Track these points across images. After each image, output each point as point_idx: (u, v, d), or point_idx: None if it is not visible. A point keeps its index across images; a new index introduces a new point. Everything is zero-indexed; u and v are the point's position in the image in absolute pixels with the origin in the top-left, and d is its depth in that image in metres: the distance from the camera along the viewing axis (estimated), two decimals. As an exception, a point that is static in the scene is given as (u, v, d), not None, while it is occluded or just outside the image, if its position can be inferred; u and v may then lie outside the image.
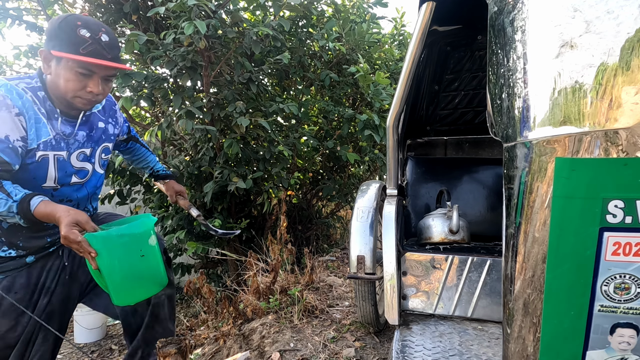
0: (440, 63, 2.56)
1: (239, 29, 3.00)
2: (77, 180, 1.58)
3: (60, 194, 1.55)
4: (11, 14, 3.17)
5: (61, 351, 3.47)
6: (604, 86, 0.64)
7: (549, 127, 0.69)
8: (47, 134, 1.45)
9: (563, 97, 0.67)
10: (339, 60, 3.85)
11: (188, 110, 2.91)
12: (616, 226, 0.65)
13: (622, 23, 0.63)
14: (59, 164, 1.50)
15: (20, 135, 1.37)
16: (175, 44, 2.90)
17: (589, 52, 0.65)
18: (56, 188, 1.52)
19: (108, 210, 2.01)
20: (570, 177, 0.66)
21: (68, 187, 1.57)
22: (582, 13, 0.66)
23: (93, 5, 3.30)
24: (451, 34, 2.38)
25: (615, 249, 0.65)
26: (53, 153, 1.48)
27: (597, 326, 0.69)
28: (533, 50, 0.74)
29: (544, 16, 0.72)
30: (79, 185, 1.60)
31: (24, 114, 1.38)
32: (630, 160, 0.62)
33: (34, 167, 1.44)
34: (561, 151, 0.67)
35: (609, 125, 0.63)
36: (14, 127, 1.36)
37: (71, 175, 1.56)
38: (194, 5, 2.55)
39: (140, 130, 3.99)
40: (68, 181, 1.55)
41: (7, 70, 3.61)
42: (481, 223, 2.54)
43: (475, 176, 2.67)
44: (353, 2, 3.96)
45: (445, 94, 2.72)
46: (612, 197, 0.64)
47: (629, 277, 0.66)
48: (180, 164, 3.48)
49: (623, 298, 0.68)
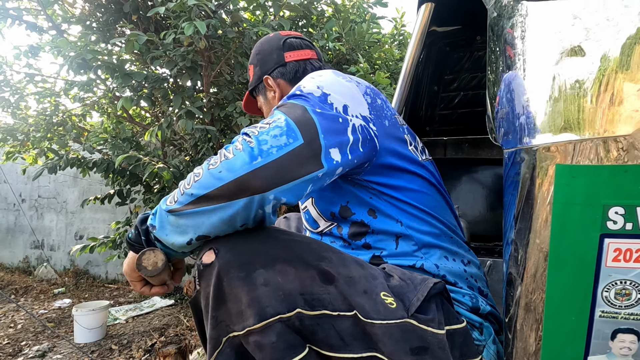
0: (440, 63, 2.56)
1: (239, 29, 3.00)
2: None
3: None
4: (11, 14, 3.16)
5: (61, 351, 3.47)
6: (603, 93, 0.64)
7: (549, 133, 0.69)
8: None
9: (563, 103, 0.67)
10: (339, 60, 3.85)
11: (188, 110, 2.90)
12: (617, 232, 0.65)
13: (622, 30, 0.63)
14: None
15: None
16: (175, 44, 2.89)
17: (588, 59, 0.65)
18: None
19: (108, 210, 2.00)
20: (570, 184, 0.66)
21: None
22: (582, 20, 0.66)
23: (93, 5, 3.29)
24: (450, 34, 2.38)
25: (615, 255, 0.65)
26: None
27: (598, 331, 0.69)
28: (533, 56, 0.74)
29: (543, 23, 0.72)
30: None
31: None
32: (631, 167, 0.63)
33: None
34: (561, 158, 0.67)
35: (610, 132, 0.63)
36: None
37: None
38: (194, 5, 2.54)
39: (140, 130, 3.99)
40: None
41: (7, 70, 3.61)
42: (481, 223, 2.55)
43: (475, 176, 2.67)
44: (353, 2, 3.95)
45: (444, 94, 2.72)
46: (613, 204, 0.64)
47: (630, 283, 0.66)
48: (180, 164, 3.48)
49: (624, 304, 0.68)
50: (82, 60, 2.71)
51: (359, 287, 0.87)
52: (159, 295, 1.05)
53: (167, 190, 3.52)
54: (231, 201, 0.82)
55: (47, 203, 6.37)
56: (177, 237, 0.87)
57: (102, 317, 3.75)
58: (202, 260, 0.85)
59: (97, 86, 3.57)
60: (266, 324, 0.79)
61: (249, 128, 0.91)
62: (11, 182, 6.52)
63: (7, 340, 3.71)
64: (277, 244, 0.88)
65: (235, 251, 0.85)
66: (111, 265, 5.67)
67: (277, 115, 0.91)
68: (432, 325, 0.86)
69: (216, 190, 0.82)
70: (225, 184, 0.82)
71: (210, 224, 0.84)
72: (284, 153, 0.84)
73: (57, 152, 3.56)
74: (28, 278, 5.86)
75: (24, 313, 4.31)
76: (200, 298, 0.88)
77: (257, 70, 1.42)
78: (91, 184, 5.73)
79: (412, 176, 1.10)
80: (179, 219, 0.85)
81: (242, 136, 0.89)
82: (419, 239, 1.07)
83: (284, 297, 0.81)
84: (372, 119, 1.04)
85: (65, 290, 5.28)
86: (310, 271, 0.85)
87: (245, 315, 0.80)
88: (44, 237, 6.38)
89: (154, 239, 0.91)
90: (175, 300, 4.76)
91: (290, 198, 0.87)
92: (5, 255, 6.77)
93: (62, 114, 3.77)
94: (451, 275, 1.07)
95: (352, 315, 0.84)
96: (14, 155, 3.94)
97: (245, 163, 0.82)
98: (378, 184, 1.06)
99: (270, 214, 0.87)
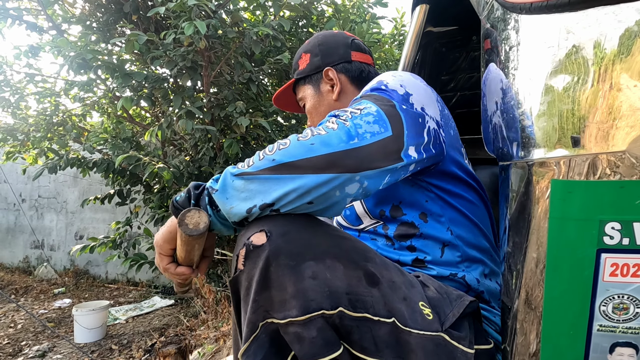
0: (436, 64, 2.55)
1: (239, 29, 2.99)
2: None
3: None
4: (11, 14, 3.17)
5: (61, 351, 3.48)
6: (598, 108, 0.64)
7: (543, 148, 0.69)
8: None
9: (557, 118, 0.67)
10: (339, 60, 3.84)
11: (188, 110, 2.90)
12: (613, 247, 0.64)
13: (615, 46, 0.63)
14: None
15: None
16: (175, 44, 2.89)
17: (582, 73, 0.65)
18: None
19: (108, 210, 1.99)
20: (566, 199, 0.66)
21: None
22: (575, 35, 0.66)
23: (93, 5, 3.29)
24: (446, 35, 2.37)
25: (613, 270, 0.65)
26: None
27: (597, 345, 0.69)
28: (526, 69, 0.74)
29: (536, 37, 0.71)
30: None
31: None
32: (627, 182, 0.62)
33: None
34: (557, 173, 0.67)
35: (605, 148, 0.63)
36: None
37: None
38: (194, 5, 2.54)
39: (140, 130, 3.99)
40: None
41: (7, 70, 3.61)
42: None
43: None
44: (353, 2, 3.94)
45: (441, 95, 2.71)
46: (609, 219, 0.64)
47: (628, 297, 0.66)
48: (180, 164, 3.48)
49: (622, 318, 0.67)
50: (82, 60, 2.71)
51: (400, 293, 0.86)
52: (181, 279, 1.01)
53: (167, 190, 3.52)
54: (316, 174, 0.80)
55: (47, 203, 6.39)
56: (239, 202, 0.83)
57: (102, 317, 3.76)
58: (252, 240, 0.81)
59: (97, 86, 3.57)
60: (309, 318, 0.78)
61: (339, 111, 0.91)
62: (11, 182, 6.53)
63: (7, 340, 3.72)
64: (327, 238, 0.86)
65: (288, 238, 0.82)
66: (111, 265, 5.68)
67: (366, 104, 0.92)
68: (463, 343, 0.84)
69: (304, 160, 0.81)
70: (316, 156, 0.81)
71: (282, 192, 0.81)
72: (376, 140, 0.85)
73: (57, 152, 3.56)
74: (28, 278, 5.88)
75: (24, 313, 4.32)
76: (242, 279, 0.84)
77: (316, 60, 1.37)
78: (91, 184, 5.74)
79: (469, 188, 1.11)
80: (249, 184, 0.82)
81: (332, 117, 0.90)
82: (465, 250, 1.07)
83: (329, 293, 0.80)
84: (442, 126, 1.05)
85: (65, 290, 5.30)
86: (357, 271, 0.84)
87: (289, 305, 0.78)
88: (44, 237, 6.39)
89: (206, 204, 0.86)
90: (175, 301, 4.77)
91: (371, 185, 0.87)
92: (5, 255, 6.78)
93: (62, 114, 3.77)
94: (488, 293, 1.07)
95: (391, 322, 0.82)
96: (14, 155, 3.94)
97: (342, 141, 0.82)
98: (438, 188, 1.07)
99: (344, 198, 0.86)
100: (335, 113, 0.91)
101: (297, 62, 1.43)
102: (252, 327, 0.82)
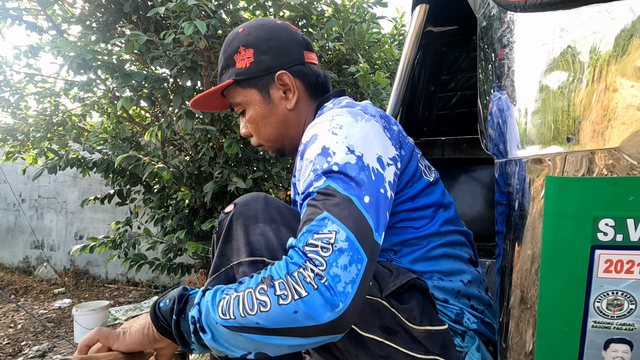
0: (436, 64, 2.56)
1: (239, 29, 2.99)
2: None
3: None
4: (11, 14, 3.16)
5: (61, 351, 3.48)
6: (592, 105, 0.64)
7: (538, 145, 0.69)
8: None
9: (552, 115, 0.68)
10: (339, 60, 3.85)
11: (188, 110, 2.90)
12: (607, 244, 0.65)
13: (609, 43, 0.64)
14: None
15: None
16: (175, 44, 2.89)
17: (576, 71, 0.66)
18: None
19: (108, 210, 2.00)
20: (560, 196, 0.66)
21: None
22: (569, 32, 0.67)
23: (93, 5, 3.29)
24: (446, 35, 2.38)
25: (607, 267, 0.66)
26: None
27: (591, 341, 0.70)
28: (521, 67, 0.74)
29: (531, 34, 0.72)
30: None
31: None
32: (620, 179, 0.63)
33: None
34: (551, 169, 0.67)
35: (599, 145, 0.64)
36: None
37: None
38: (194, 5, 2.54)
39: (140, 130, 3.99)
40: None
41: (7, 70, 3.61)
42: (480, 223, 2.54)
43: (473, 176, 2.67)
44: (353, 2, 3.95)
45: (441, 94, 2.72)
46: (603, 216, 0.64)
47: (622, 293, 0.66)
48: (180, 164, 3.48)
49: (616, 314, 0.68)
50: (82, 60, 2.71)
51: None
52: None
53: (167, 190, 3.53)
54: (307, 338, 0.79)
55: (47, 203, 6.38)
56: (233, 348, 0.84)
57: (102, 317, 3.76)
58: (225, 210, 1.09)
59: (97, 86, 3.57)
60: (254, 260, 0.99)
61: (310, 248, 0.79)
62: (11, 182, 6.53)
63: (7, 340, 3.72)
64: (279, 211, 1.06)
65: (248, 207, 1.05)
66: (111, 265, 5.68)
67: (331, 226, 0.80)
68: (403, 315, 0.91)
69: (289, 329, 0.78)
70: (302, 327, 0.77)
71: (275, 348, 0.82)
72: (357, 286, 0.77)
73: (57, 152, 3.56)
74: (28, 278, 5.88)
75: (24, 313, 4.32)
76: (215, 235, 1.12)
77: (265, 59, 1.14)
78: (91, 184, 5.74)
79: (419, 212, 1.08)
80: (238, 336, 0.81)
81: (307, 262, 0.78)
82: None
83: (271, 247, 1.00)
84: (399, 156, 1.01)
85: (65, 290, 5.29)
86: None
87: (241, 252, 1.01)
88: (44, 237, 6.39)
89: (190, 332, 0.85)
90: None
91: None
92: (5, 255, 6.78)
93: (62, 114, 3.77)
94: (440, 292, 1.06)
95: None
96: (14, 155, 3.94)
97: (327, 310, 0.75)
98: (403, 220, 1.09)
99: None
100: (309, 255, 0.78)
101: (233, 58, 1.18)
102: (215, 268, 1.06)
